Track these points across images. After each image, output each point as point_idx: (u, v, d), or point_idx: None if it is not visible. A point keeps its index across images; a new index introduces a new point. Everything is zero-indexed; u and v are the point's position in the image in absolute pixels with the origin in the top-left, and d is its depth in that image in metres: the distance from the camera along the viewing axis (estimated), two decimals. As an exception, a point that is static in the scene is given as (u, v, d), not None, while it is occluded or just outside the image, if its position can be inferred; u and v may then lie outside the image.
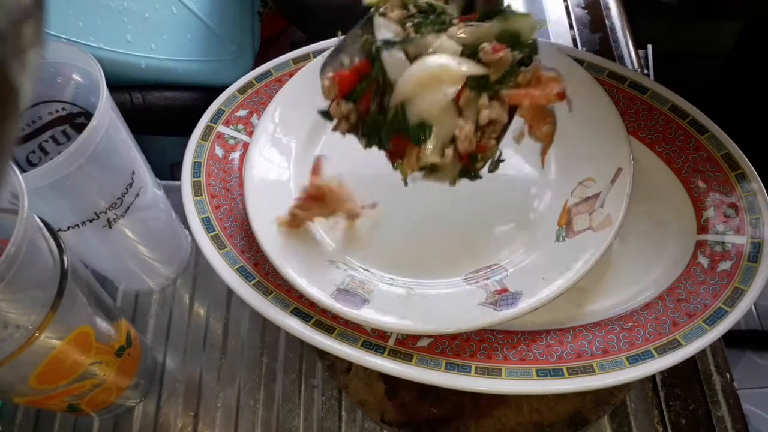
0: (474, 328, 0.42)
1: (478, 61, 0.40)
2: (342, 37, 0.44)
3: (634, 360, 0.40)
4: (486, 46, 0.39)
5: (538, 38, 0.47)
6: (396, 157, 0.42)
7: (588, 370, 0.40)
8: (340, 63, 0.43)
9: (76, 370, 0.40)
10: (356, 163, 0.46)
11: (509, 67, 0.39)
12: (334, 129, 0.43)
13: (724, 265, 0.43)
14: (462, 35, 0.40)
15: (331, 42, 0.58)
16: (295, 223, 0.48)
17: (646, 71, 0.72)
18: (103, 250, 0.49)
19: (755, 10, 1.05)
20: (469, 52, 0.40)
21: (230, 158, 0.53)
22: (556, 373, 0.40)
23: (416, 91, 0.39)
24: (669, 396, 0.49)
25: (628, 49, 0.71)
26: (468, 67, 0.39)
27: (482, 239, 0.49)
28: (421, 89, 0.39)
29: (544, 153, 0.44)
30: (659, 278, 0.45)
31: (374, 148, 0.43)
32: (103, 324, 0.42)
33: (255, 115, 0.56)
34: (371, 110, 0.42)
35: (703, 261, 0.45)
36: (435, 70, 0.39)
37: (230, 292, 0.55)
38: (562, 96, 0.41)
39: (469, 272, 0.47)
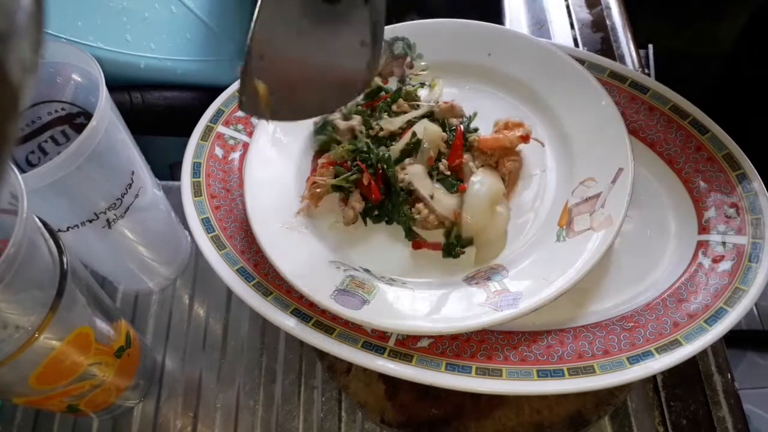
0: (474, 329, 0.42)
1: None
2: None
3: (635, 360, 0.40)
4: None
5: (539, 39, 0.49)
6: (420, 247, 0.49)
7: (589, 371, 0.40)
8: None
9: (75, 370, 0.40)
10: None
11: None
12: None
13: (725, 265, 0.43)
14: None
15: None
16: (316, 195, 0.50)
17: (646, 71, 0.72)
18: (103, 250, 0.49)
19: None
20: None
21: (230, 158, 0.53)
22: (557, 374, 0.40)
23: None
24: (670, 396, 0.49)
25: (629, 48, 0.71)
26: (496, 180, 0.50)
27: (483, 239, 0.49)
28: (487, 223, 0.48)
29: (509, 187, 0.51)
30: (660, 278, 0.45)
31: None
32: (102, 324, 0.42)
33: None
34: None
35: (704, 261, 0.45)
36: (493, 198, 0.48)
37: (230, 293, 0.55)
38: (525, 139, 0.50)
39: (469, 273, 0.47)
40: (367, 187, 0.49)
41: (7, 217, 0.34)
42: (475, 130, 0.52)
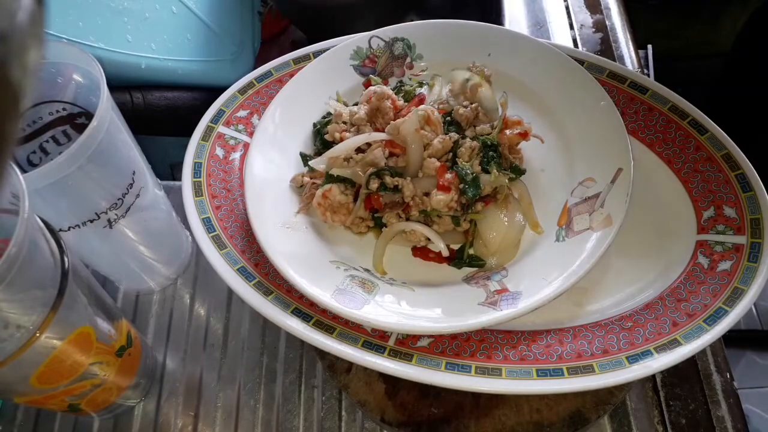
0: (474, 328, 0.42)
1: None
2: None
3: (634, 360, 0.40)
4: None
5: (538, 39, 0.49)
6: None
7: (588, 370, 0.40)
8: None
9: (76, 370, 0.40)
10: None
11: None
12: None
13: (724, 265, 0.43)
14: None
15: (331, 42, 0.58)
16: (311, 195, 0.50)
17: (646, 71, 0.72)
18: (104, 250, 0.49)
19: None
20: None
21: (231, 159, 0.53)
22: (556, 373, 0.40)
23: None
24: (669, 396, 0.49)
25: (628, 49, 0.71)
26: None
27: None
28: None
29: None
30: (659, 278, 0.45)
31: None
32: (103, 324, 0.42)
33: (255, 115, 0.56)
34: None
35: (703, 261, 0.45)
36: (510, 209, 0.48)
37: (231, 293, 0.55)
38: (524, 136, 0.49)
39: (469, 272, 0.47)
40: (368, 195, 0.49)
41: (9, 216, 0.34)
42: None
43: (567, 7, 0.75)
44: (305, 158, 0.53)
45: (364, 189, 0.48)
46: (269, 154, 0.52)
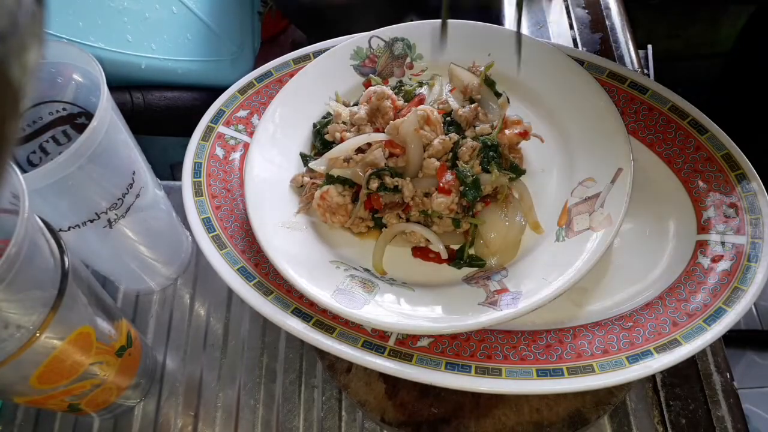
0: (474, 328, 0.42)
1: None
2: None
3: (634, 360, 0.40)
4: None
5: (538, 39, 0.50)
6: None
7: (588, 370, 0.40)
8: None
9: (76, 370, 0.40)
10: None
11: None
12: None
13: (724, 265, 0.43)
14: None
15: (331, 42, 0.58)
16: (311, 195, 0.50)
17: (646, 71, 0.72)
18: (104, 250, 0.49)
19: None
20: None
21: (231, 159, 0.53)
22: (556, 373, 0.40)
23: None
24: (669, 396, 0.49)
25: (628, 49, 0.71)
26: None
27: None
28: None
29: None
30: (659, 278, 0.45)
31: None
32: (103, 324, 0.42)
33: (255, 115, 0.56)
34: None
35: (704, 261, 0.45)
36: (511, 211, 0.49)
37: (231, 293, 0.55)
38: (524, 135, 0.49)
39: (469, 272, 0.47)
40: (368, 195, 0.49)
41: (9, 216, 0.34)
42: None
43: (567, 7, 0.75)
44: (305, 158, 0.53)
45: (364, 189, 0.48)
46: (269, 154, 0.52)
